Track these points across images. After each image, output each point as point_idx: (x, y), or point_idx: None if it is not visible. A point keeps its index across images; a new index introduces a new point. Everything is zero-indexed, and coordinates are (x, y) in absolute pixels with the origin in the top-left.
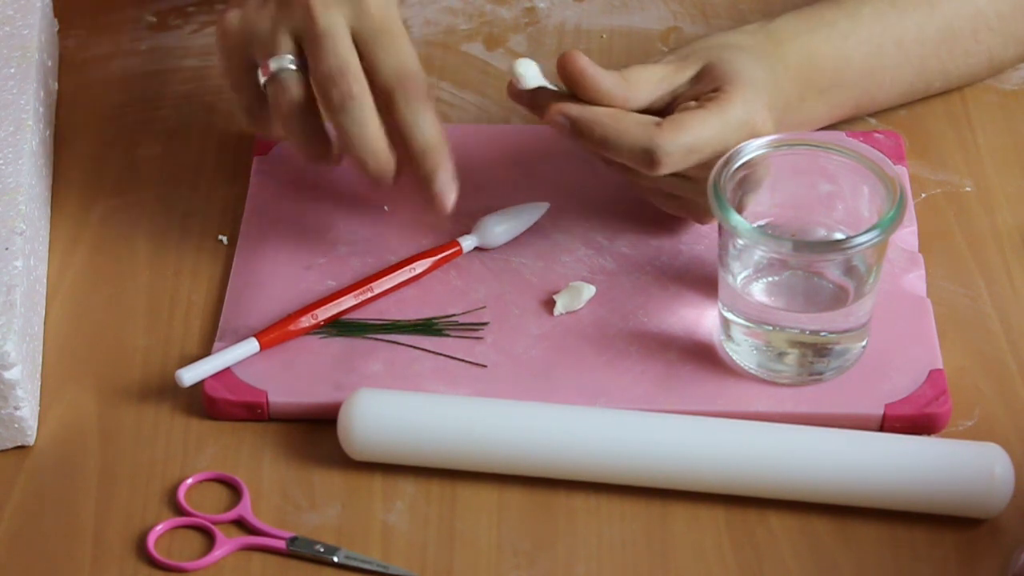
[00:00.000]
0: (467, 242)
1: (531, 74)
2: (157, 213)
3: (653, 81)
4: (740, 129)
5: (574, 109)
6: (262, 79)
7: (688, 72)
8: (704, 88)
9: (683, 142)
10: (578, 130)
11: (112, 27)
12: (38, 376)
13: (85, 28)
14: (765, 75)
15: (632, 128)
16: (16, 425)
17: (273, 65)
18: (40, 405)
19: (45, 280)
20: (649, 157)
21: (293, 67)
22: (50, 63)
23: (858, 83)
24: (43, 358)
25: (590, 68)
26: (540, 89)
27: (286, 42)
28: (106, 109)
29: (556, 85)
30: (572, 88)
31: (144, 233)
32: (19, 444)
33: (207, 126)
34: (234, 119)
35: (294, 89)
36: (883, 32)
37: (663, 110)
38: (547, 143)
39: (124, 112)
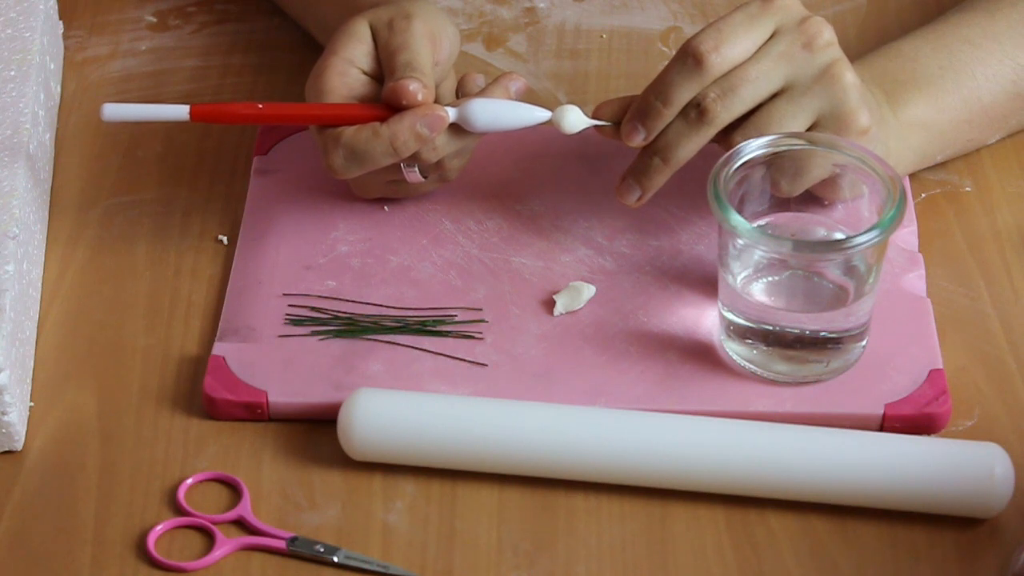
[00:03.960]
0: (450, 111)
1: (572, 119)
2: (157, 213)
3: None
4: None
5: (627, 120)
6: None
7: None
8: None
9: (707, 31)
10: (643, 115)
11: (112, 27)
12: (28, 381)
13: (85, 28)
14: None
15: (667, 68)
16: (4, 430)
17: None
18: (39, 405)
19: (40, 284)
20: (692, 57)
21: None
22: (52, 66)
23: (940, 77)
24: (43, 358)
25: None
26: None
27: None
28: None
29: (600, 122)
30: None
31: (144, 233)
32: (7, 449)
33: (207, 126)
34: None
35: None
36: (951, 34)
37: None
38: (547, 143)
39: None
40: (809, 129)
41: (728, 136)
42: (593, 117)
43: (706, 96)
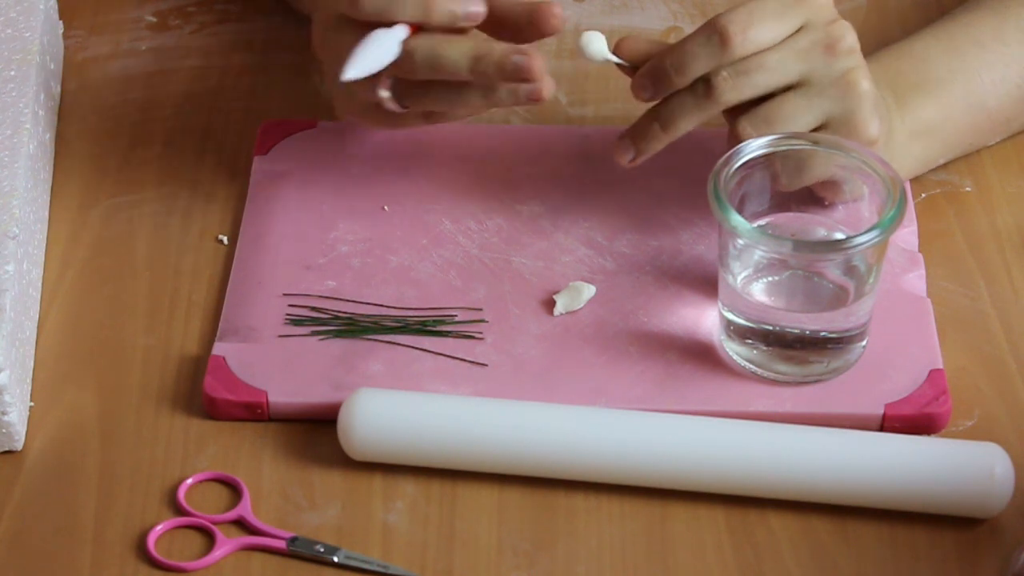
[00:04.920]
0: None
1: (596, 47)
2: (157, 213)
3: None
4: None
5: (639, 75)
6: None
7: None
8: None
9: (739, 11)
10: (654, 77)
11: (112, 27)
12: (28, 381)
13: (85, 28)
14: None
15: (689, 37)
16: (4, 430)
17: None
18: (39, 405)
19: (40, 284)
20: (718, 34)
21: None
22: (53, 66)
23: (950, 80)
24: (43, 358)
25: (645, 44)
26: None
27: None
28: (106, 109)
29: (621, 60)
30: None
31: (144, 233)
32: (7, 449)
33: (207, 126)
34: (234, 119)
35: None
36: (961, 34)
37: None
38: (547, 143)
39: (124, 112)
40: (816, 130)
41: (735, 119)
42: (615, 52)
43: (718, 74)
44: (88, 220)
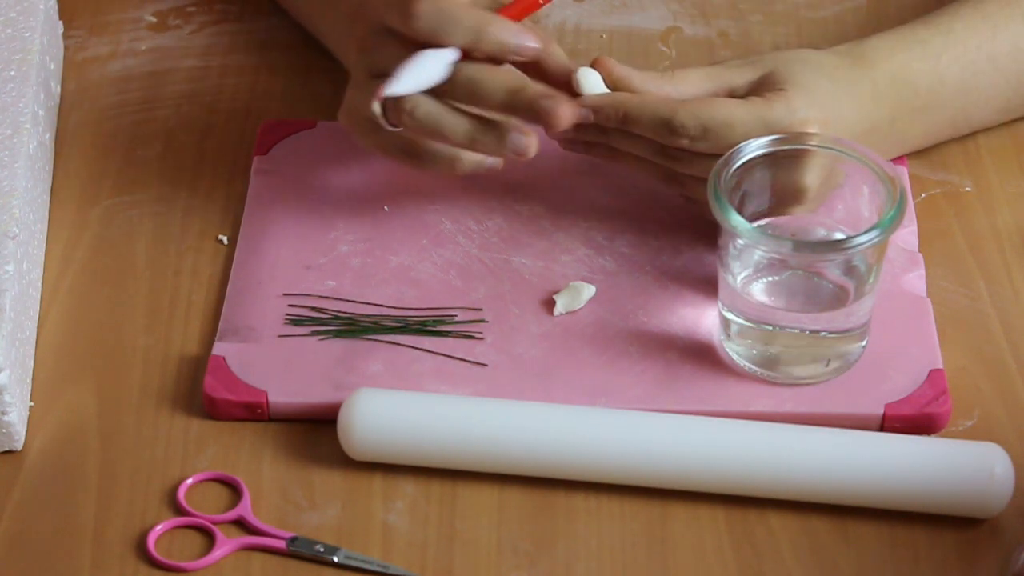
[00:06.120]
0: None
1: (592, 83)
2: (157, 213)
3: (702, 76)
4: (772, 130)
5: (594, 98)
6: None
7: (748, 74)
8: (760, 91)
9: (702, 116)
10: (602, 115)
11: (112, 27)
12: (28, 381)
13: (85, 28)
14: (835, 90)
15: (653, 102)
16: (4, 430)
17: None
18: (39, 405)
19: (40, 284)
20: (666, 126)
21: None
22: (52, 66)
23: (953, 102)
24: (43, 358)
25: (618, 69)
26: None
27: None
28: (106, 109)
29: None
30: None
31: (144, 233)
32: (7, 449)
33: (207, 126)
34: (234, 119)
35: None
36: (977, 48)
37: None
38: (548, 144)
39: (124, 112)
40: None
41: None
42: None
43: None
44: (88, 220)
